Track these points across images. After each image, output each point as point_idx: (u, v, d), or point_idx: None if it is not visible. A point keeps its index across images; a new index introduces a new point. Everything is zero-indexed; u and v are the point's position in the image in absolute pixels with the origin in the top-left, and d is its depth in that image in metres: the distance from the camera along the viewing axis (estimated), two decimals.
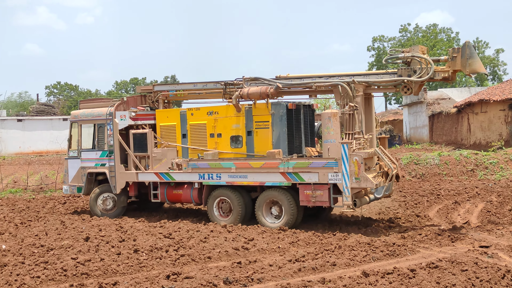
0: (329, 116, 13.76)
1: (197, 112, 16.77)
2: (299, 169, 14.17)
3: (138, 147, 17.03)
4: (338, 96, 14.48)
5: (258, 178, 14.86)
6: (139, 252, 12.06)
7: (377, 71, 14.68)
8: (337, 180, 13.62)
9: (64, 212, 18.91)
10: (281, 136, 15.23)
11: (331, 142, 13.73)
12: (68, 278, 10.32)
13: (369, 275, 9.76)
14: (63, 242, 13.32)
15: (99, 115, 17.68)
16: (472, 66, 13.10)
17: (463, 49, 13.17)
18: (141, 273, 10.55)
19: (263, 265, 10.78)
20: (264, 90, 15.11)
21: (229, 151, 16.08)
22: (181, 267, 10.95)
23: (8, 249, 12.85)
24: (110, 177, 17.28)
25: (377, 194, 14.20)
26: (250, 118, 15.70)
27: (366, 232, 13.93)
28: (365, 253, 11.47)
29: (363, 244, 12.31)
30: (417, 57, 13.58)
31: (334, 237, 13.36)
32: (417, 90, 13.98)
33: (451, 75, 13.57)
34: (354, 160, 13.32)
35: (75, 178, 18.17)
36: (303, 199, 14.23)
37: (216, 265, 11.05)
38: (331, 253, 11.59)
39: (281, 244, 12.57)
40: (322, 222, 15.53)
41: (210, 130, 16.38)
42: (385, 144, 16.27)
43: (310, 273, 10.20)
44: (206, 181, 15.68)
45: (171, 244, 12.70)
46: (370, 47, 79.81)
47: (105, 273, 10.54)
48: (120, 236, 13.74)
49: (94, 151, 17.81)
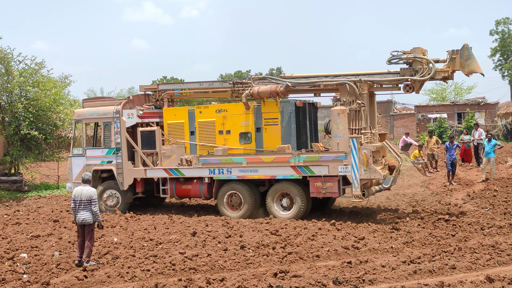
0: (338, 112, 14.89)
1: (206, 110, 17.22)
2: (309, 162, 15.16)
3: (146, 144, 17.22)
4: (344, 94, 15.68)
5: (269, 172, 15.65)
6: (245, 248, 12.08)
7: (381, 71, 15.88)
8: (347, 172, 14.74)
9: (171, 206, 18.64)
10: (290, 132, 16.17)
11: (341, 136, 14.88)
12: (177, 272, 10.47)
13: (494, 281, 9.12)
14: (171, 236, 13.57)
15: (105, 114, 17.67)
16: (470, 66, 14.82)
17: (462, 51, 14.83)
18: (248, 270, 10.56)
19: (375, 266, 10.34)
20: (274, 88, 15.94)
21: (238, 147, 16.70)
22: (289, 265, 10.80)
23: (119, 242, 13.02)
24: (118, 174, 17.29)
25: (385, 184, 15.45)
26: (259, 115, 16.48)
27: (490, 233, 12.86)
28: (489, 256, 10.66)
29: (486, 246, 11.47)
30: (419, 58, 15.07)
31: (453, 238, 12.46)
32: (419, 89, 15.51)
33: (450, 74, 15.23)
34: (363, 153, 14.52)
35: (80, 175, 17.75)
36: (314, 190, 15.22)
37: (325, 264, 10.79)
38: (450, 255, 10.87)
39: (394, 244, 12.03)
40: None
41: (219, 127, 16.93)
42: (386, 138, 17.66)
43: (426, 276, 9.65)
44: (217, 176, 16.23)
45: (278, 241, 12.61)
46: (493, 31, 69.67)
47: (212, 268, 10.66)
48: (227, 232, 13.79)
49: (100, 149, 17.76)
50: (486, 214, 14.90)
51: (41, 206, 20.46)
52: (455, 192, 19.43)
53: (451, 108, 46.33)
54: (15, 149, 23.92)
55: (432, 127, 43.95)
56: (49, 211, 18.91)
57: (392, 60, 15.44)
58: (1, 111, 24.00)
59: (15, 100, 24.21)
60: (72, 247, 12.82)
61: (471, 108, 44.89)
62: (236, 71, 75.06)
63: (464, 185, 20.89)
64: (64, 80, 28.26)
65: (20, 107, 23.42)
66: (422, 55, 15.14)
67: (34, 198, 23.18)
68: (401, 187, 21.76)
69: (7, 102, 24.08)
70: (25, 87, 24.36)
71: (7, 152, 24.83)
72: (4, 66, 23.98)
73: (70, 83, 28.55)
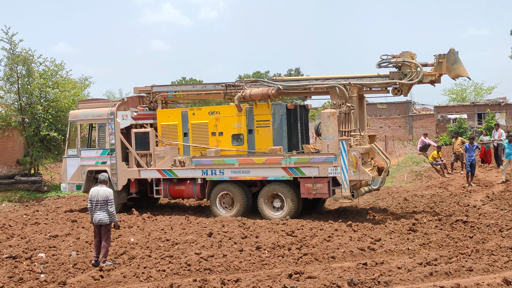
0: (328, 115, 15.12)
1: (199, 112, 17.59)
2: (300, 164, 15.39)
3: (140, 146, 17.67)
4: (334, 97, 15.86)
5: (260, 173, 15.94)
6: (261, 249, 12.06)
7: (370, 74, 16.09)
8: (337, 173, 14.96)
9: (188, 207, 18.97)
10: (281, 134, 16.40)
11: (331, 139, 15.13)
12: (192, 273, 10.53)
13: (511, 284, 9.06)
14: (187, 237, 13.70)
15: (99, 115, 18.13)
16: (456, 70, 14.93)
17: (448, 55, 14.96)
18: (263, 271, 10.53)
19: (391, 268, 10.22)
20: (265, 91, 16.22)
21: (230, 148, 17.02)
22: (304, 266, 10.75)
23: (136, 242, 13.33)
24: (112, 175, 17.72)
25: (373, 185, 15.60)
26: (251, 117, 16.75)
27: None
28: (507, 258, 10.54)
29: (504, 248, 11.29)
30: (408, 62, 15.22)
31: (470, 240, 12.31)
32: (407, 92, 15.65)
33: (437, 78, 15.33)
34: (352, 155, 14.71)
35: (74, 176, 18.52)
36: (304, 191, 15.48)
37: (340, 266, 10.69)
38: (467, 257, 10.74)
39: (411, 245, 11.91)
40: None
41: (212, 129, 17.27)
42: (375, 140, 17.73)
43: (443, 278, 9.55)
44: (210, 176, 16.59)
45: (294, 242, 12.55)
46: None
47: (227, 269, 10.67)
48: (243, 233, 13.84)
49: (95, 150, 18.22)
50: (505, 216, 14.82)
51: (60, 206, 20.96)
52: (474, 194, 19.30)
53: (471, 108, 45.52)
54: (34, 150, 24.49)
55: (452, 127, 43.21)
56: (67, 211, 19.30)
57: (382, 63, 15.58)
58: (21, 112, 24.50)
59: (35, 101, 24.68)
60: (89, 247, 13.01)
61: (492, 108, 43.88)
62: (255, 72, 74.86)
63: (483, 187, 20.72)
64: (84, 81, 29.08)
65: (39, 108, 23.92)
66: (410, 59, 15.31)
67: (53, 198, 23.71)
68: (419, 188, 21.74)
69: (27, 104, 24.58)
70: (44, 89, 24.86)
71: (27, 152, 25.48)
72: (25, 68, 24.44)
73: (89, 85, 29.35)
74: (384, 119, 46.84)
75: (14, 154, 27.68)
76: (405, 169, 25.50)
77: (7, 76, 24.28)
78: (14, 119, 24.87)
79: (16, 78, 24.15)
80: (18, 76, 24.18)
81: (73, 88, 26.97)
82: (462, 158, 23.77)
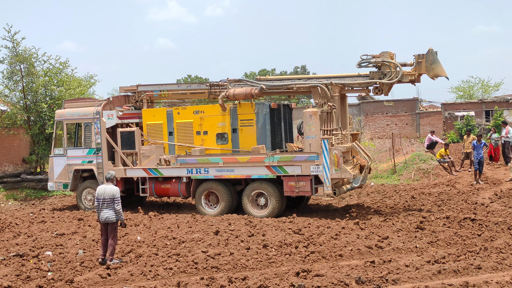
0: (310, 114, 15.24)
1: (184, 111, 17.78)
2: (283, 162, 15.53)
3: (126, 145, 17.89)
4: (316, 97, 15.96)
5: (244, 171, 16.11)
6: (268, 247, 12.02)
7: (351, 74, 16.21)
8: (319, 171, 15.11)
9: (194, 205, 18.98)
10: (265, 133, 16.55)
11: (313, 138, 15.24)
12: (199, 271, 10.52)
13: None
14: (194, 235, 13.74)
15: (85, 114, 18.41)
16: (435, 70, 15.06)
17: (427, 55, 15.08)
18: (270, 269, 10.48)
19: (399, 265, 10.17)
20: (249, 91, 16.38)
21: (215, 147, 17.20)
22: (311, 264, 10.72)
23: (142, 240, 13.39)
24: (98, 173, 18.03)
25: (354, 183, 15.84)
26: (235, 116, 16.90)
27: None
28: None
29: None
30: (387, 62, 15.34)
31: (479, 238, 12.23)
32: (387, 91, 15.76)
33: (416, 78, 15.45)
34: (334, 154, 14.81)
35: (61, 175, 18.84)
36: (287, 189, 15.63)
37: (347, 264, 10.65)
38: (476, 255, 10.66)
39: (419, 243, 11.88)
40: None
41: (197, 128, 17.47)
42: (358, 139, 17.80)
43: (451, 276, 9.50)
44: (195, 175, 16.80)
45: (301, 240, 12.53)
46: None
47: (234, 267, 10.65)
48: (249, 231, 13.80)
49: (81, 149, 18.51)
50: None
51: (66, 205, 21.16)
52: (482, 191, 19.18)
53: (478, 105, 44.80)
54: (40, 148, 24.72)
55: (459, 125, 42.74)
56: (74, 209, 19.40)
57: (362, 63, 15.73)
58: (27, 110, 24.73)
59: (40, 99, 24.87)
60: (96, 245, 13.06)
61: (499, 105, 43.29)
62: (261, 70, 74.45)
63: (492, 184, 20.63)
64: (90, 79, 29.30)
65: (44, 106, 24.15)
66: (390, 59, 15.44)
67: (59, 197, 23.83)
68: (426, 186, 21.65)
69: (32, 102, 24.79)
70: (49, 87, 25.04)
71: (32, 151, 25.84)
72: (27, 66, 24.55)
73: (95, 83, 29.54)
74: (391, 116, 46.34)
75: (20, 153, 28.16)
76: (412, 166, 25.22)
77: (10, 75, 24.54)
78: (19, 117, 25.07)
79: (20, 77, 24.36)
80: (22, 74, 24.36)
81: (78, 86, 27.14)
82: (470, 155, 23.58)
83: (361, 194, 20.08)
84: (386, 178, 24.77)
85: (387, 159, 28.62)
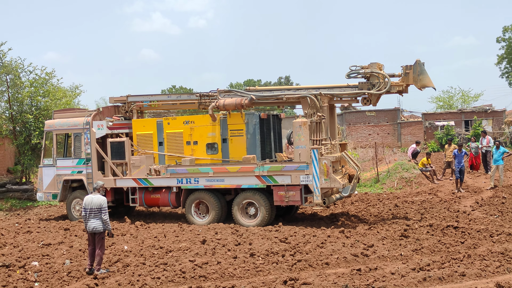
0: (300, 124, 15.47)
1: (174, 121, 17.86)
2: (273, 172, 15.68)
3: (115, 155, 17.88)
4: (306, 107, 16.16)
5: (234, 181, 16.23)
6: (255, 256, 12.12)
7: (340, 85, 16.42)
8: (308, 181, 15.28)
9: (181, 215, 19.04)
10: (254, 143, 16.69)
11: (302, 147, 15.46)
12: (187, 280, 10.57)
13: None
14: (181, 244, 13.82)
15: (75, 125, 18.40)
16: (422, 81, 15.35)
17: (415, 66, 15.36)
18: (258, 278, 10.58)
19: (385, 273, 10.30)
20: (239, 101, 16.50)
21: (205, 157, 17.29)
22: (298, 272, 10.81)
23: (130, 250, 13.43)
24: (88, 184, 17.99)
25: (344, 193, 16.04)
26: (225, 126, 17.04)
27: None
28: (499, 263, 10.66)
29: (495, 253, 11.44)
30: (376, 73, 15.59)
31: (462, 245, 12.44)
32: (376, 102, 16.00)
33: (404, 88, 15.75)
34: (323, 163, 15.00)
35: (50, 185, 18.78)
36: (277, 199, 15.77)
37: (334, 272, 10.76)
38: (459, 262, 10.85)
39: (404, 251, 12.01)
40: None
41: (187, 138, 17.55)
42: (346, 149, 18.00)
43: (436, 283, 9.63)
44: (185, 185, 16.87)
45: (287, 248, 12.63)
46: (500, 38, 65.70)
47: (222, 276, 10.72)
48: (236, 240, 13.94)
49: (70, 159, 18.47)
50: (495, 221, 15.03)
51: (52, 215, 21.07)
52: (463, 199, 19.48)
53: (458, 115, 46.06)
54: (26, 158, 24.61)
55: (440, 134, 43.77)
56: (60, 219, 19.40)
57: (351, 74, 15.97)
58: (12, 121, 24.65)
59: (26, 110, 24.79)
60: (83, 255, 13.06)
61: (478, 115, 44.56)
62: (246, 80, 74.52)
63: (473, 192, 20.96)
64: (75, 90, 29.27)
65: (30, 117, 24.09)
66: (378, 70, 15.68)
67: (45, 207, 23.76)
68: (409, 194, 21.93)
69: (18, 112, 24.70)
70: (35, 97, 24.99)
71: (18, 161, 25.67)
72: (13, 77, 24.53)
73: (80, 93, 29.50)
74: (373, 126, 47.26)
75: (5, 163, 27.93)
76: (395, 175, 25.55)
77: None
78: (5, 127, 24.99)
79: (6, 87, 24.29)
80: (8, 85, 24.29)
81: (63, 97, 27.11)
82: (451, 164, 23.96)
83: (345, 202, 20.29)
84: (370, 187, 25.12)
85: (370, 168, 28.97)
